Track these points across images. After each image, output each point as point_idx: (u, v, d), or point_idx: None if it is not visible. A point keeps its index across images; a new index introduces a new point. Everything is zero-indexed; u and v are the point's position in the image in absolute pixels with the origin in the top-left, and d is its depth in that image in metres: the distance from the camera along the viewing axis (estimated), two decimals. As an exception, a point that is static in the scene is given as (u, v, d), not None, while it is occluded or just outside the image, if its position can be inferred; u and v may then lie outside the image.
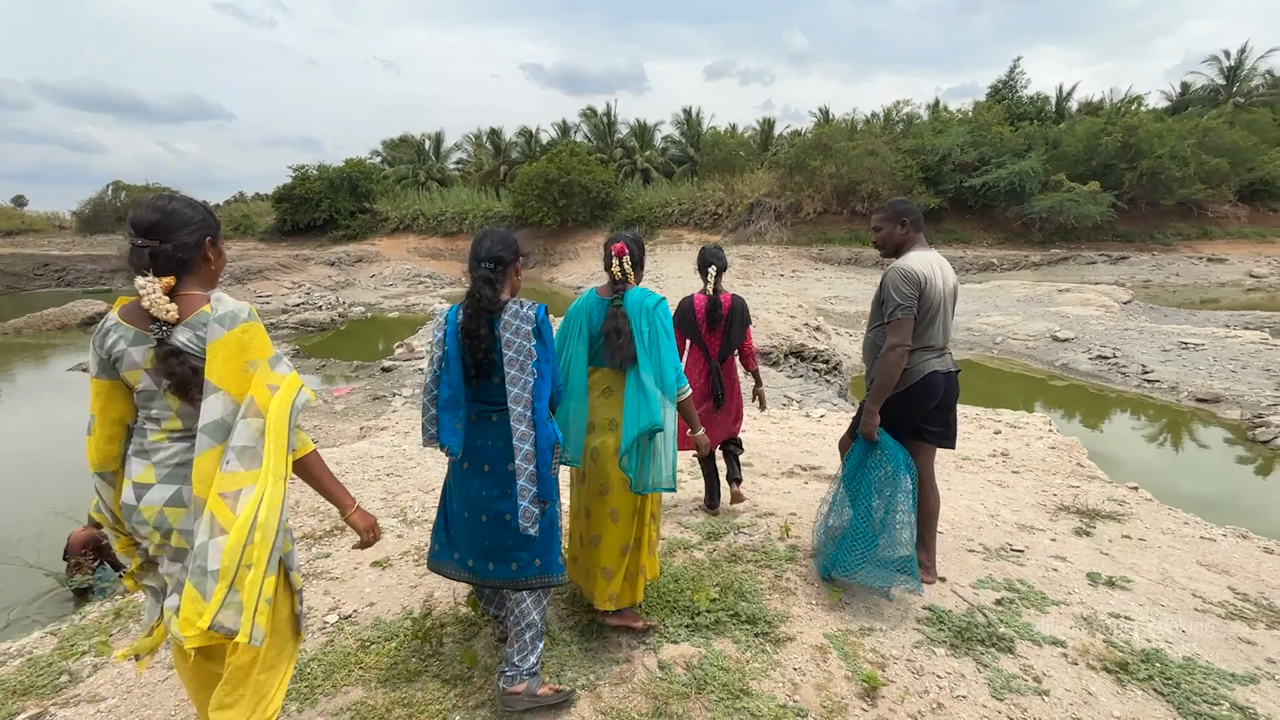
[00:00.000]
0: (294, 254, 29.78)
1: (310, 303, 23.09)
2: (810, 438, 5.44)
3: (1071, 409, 9.55)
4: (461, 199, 35.96)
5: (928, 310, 2.56)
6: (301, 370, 13.70)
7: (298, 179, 34.14)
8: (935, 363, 2.62)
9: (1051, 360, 12.22)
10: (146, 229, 1.48)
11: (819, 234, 29.07)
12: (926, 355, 2.61)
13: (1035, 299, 18.22)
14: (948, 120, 31.00)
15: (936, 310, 2.58)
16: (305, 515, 3.82)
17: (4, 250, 31.35)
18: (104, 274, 31.46)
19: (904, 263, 2.58)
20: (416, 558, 3.16)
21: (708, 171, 33.86)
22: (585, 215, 31.82)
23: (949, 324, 2.66)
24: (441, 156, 45.25)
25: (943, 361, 2.65)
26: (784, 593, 2.71)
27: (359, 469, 4.64)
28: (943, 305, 2.60)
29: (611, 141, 41.04)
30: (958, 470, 4.51)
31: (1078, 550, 3.22)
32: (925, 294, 2.53)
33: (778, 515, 3.55)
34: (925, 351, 2.60)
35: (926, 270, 2.55)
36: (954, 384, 2.71)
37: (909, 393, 2.60)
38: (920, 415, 2.67)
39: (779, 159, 32.48)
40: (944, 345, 2.66)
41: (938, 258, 2.65)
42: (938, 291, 2.57)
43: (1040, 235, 27.13)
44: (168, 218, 1.50)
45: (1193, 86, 37.29)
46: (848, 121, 32.53)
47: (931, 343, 2.61)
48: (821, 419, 6.30)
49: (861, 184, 27.89)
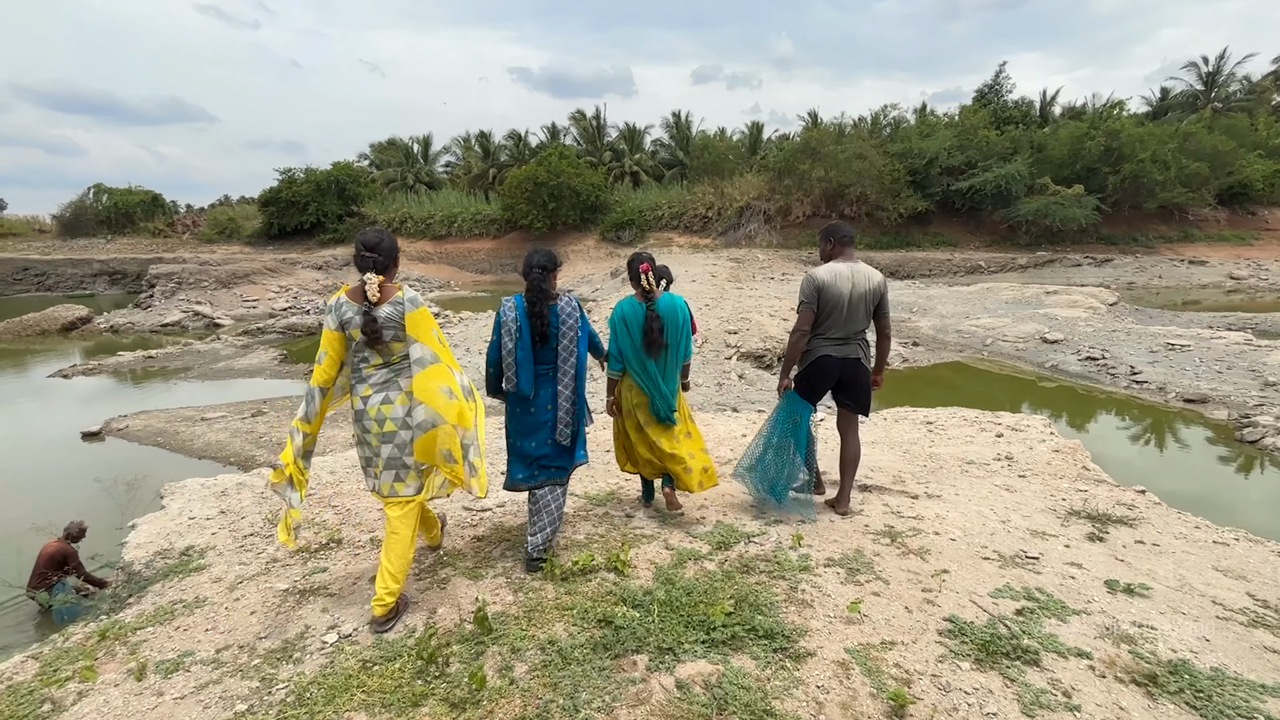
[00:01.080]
0: (281, 258, 29.38)
1: (298, 307, 22.77)
2: None
3: (1064, 410, 9.58)
4: (450, 202, 35.69)
5: (825, 306, 3.27)
6: (288, 376, 13.47)
7: (284, 182, 33.69)
8: (830, 349, 3.35)
9: (1041, 362, 12.29)
10: (372, 246, 2.57)
11: (808, 237, 29.15)
12: (823, 342, 3.35)
13: (1024, 301, 18.36)
14: (934, 124, 31.25)
15: (834, 308, 3.27)
16: (300, 527, 3.69)
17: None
18: (85, 278, 30.86)
19: (813, 270, 3.33)
20: (417, 572, 3.04)
21: (697, 175, 33.87)
22: (575, 218, 31.71)
23: (853, 320, 3.32)
24: (430, 160, 44.95)
25: (840, 349, 3.35)
26: (801, 605, 2.63)
27: (354, 477, 4.51)
28: (841, 305, 3.26)
29: (601, 145, 41.00)
30: (964, 475, 4.47)
31: (1093, 556, 3.17)
32: (823, 294, 3.26)
33: (787, 523, 3.47)
34: (822, 339, 3.35)
35: (829, 277, 3.27)
36: (851, 367, 3.39)
37: (808, 369, 3.40)
38: (824, 387, 3.45)
39: (768, 163, 32.56)
40: (844, 337, 3.34)
41: (851, 268, 3.30)
42: (837, 293, 3.25)
43: (1027, 238, 27.40)
44: (382, 240, 2.62)
45: (1172, 92, 37.92)
46: (836, 125, 32.74)
47: (829, 333, 3.33)
48: (820, 422, 6.24)
49: (850, 187, 28.04)
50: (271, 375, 13.60)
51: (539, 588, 2.78)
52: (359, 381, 2.61)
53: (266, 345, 16.83)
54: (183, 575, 3.20)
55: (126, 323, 20.19)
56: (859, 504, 3.88)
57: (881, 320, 3.42)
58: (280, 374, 13.68)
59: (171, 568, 3.32)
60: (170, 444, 9.20)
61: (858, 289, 3.28)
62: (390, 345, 2.56)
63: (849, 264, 3.33)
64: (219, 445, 9.03)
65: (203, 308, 21.98)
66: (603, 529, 3.41)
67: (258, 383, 13.08)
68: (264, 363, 14.69)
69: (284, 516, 2.64)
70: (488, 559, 3.12)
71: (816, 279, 3.28)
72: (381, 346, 2.55)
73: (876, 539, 3.28)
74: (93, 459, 8.88)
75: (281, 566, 3.19)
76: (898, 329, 15.84)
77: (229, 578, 3.12)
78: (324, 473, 4.57)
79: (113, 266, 31.17)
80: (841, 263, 3.34)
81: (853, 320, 3.31)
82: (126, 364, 14.62)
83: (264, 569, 3.17)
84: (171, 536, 3.65)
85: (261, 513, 3.88)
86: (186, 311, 21.36)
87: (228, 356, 15.41)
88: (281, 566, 3.19)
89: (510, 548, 3.24)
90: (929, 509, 3.74)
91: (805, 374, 3.42)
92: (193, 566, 3.27)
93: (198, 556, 3.39)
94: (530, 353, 2.93)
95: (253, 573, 3.14)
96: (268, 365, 14.43)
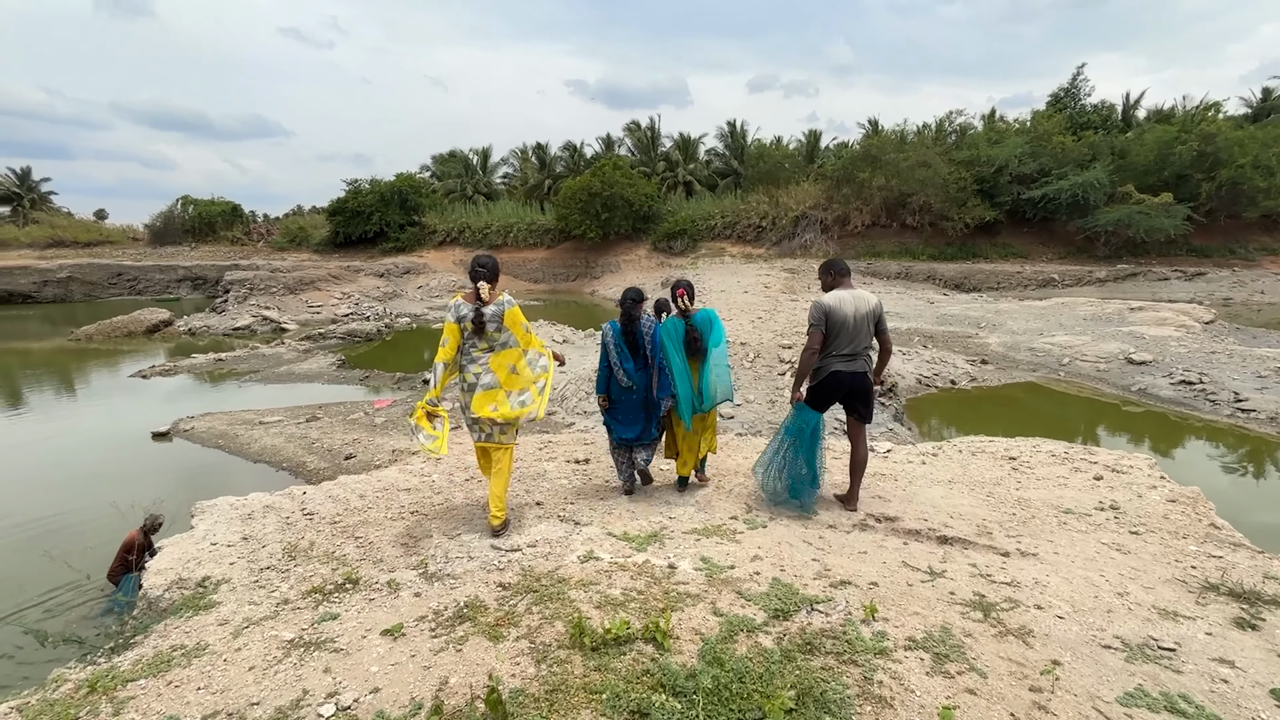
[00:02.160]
0: (345, 265, 30.38)
1: (358, 313, 23.39)
2: (879, 479, 4.84)
3: (1160, 441, 8.61)
4: (506, 212, 36.24)
5: (833, 327, 3.77)
6: (344, 381, 13.68)
7: (350, 193, 34.94)
8: (840, 364, 3.81)
9: (1126, 384, 11.22)
10: (484, 264, 3.51)
11: (867, 247, 28.11)
12: (833, 359, 3.80)
13: (1104, 318, 16.97)
14: (1004, 130, 29.63)
15: (840, 328, 3.75)
16: (317, 562, 3.44)
17: (83, 260, 32.95)
18: (171, 283, 32.79)
19: (820, 297, 3.85)
20: (434, 626, 2.72)
21: (752, 184, 33.25)
22: (627, 228, 31.57)
23: (858, 338, 3.81)
24: (488, 171, 45.85)
25: (848, 364, 3.81)
26: (878, 703, 2.16)
27: (383, 503, 4.28)
28: (847, 325, 3.75)
29: (655, 155, 40.86)
30: (1063, 528, 3.85)
31: (1246, 651, 2.56)
32: (831, 317, 3.75)
33: (856, 585, 2.99)
34: (833, 356, 3.80)
35: (834, 302, 3.78)
36: (860, 380, 3.87)
37: (820, 383, 3.86)
38: (835, 398, 3.91)
39: (826, 171, 31.63)
40: (852, 353, 3.81)
41: (851, 294, 3.83)
42: (842, 315, 3.75)
43: (1106, 250, 25.57)
44: (491, 261, 3.55)
45: (1275, 92, 34.91)
46: (897, 132, 31.52)
47: (836, 350, 3.79)
48: (888, 455, 5.68)
49: (912, 196, 26.88)
50: (329, 380, 13.83)
51: (565, 659, 2.40)
52: (470, 361, 3.61)
53: (326, 350, 17.23)
54: (191, 613, 2.98)
55: (203, 326, 21.16)
56: (940, 560, 3.36)
57: (882, 336, 3.95)
58: (337, 379, 13.90)
59: (184, 601, 3.12)
60: (229, 446, 9.38)
61: (860, 311, 3.79)
62: (492, 334, 3.58)
63: (849, 291, 3.87)
64: (273, 450, 9.13)
65: (270, 312, 22.82)
66: (642, 583, 3.01)
67: (315, 387, 13.33)
68: (323, 368, 14.98)
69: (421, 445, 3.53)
70: (511, 615, 2.76)
71: (824, 304, 3.80)
72: (485, 334, 3.56)
73: (966, 612, 2.76)
74: (158, 460, 9.17)
75: (292, 610, 2.93)
76: (964, 345, 14.87)
77: (236, 619, 2.88)
78: (353, 496, 4.36)
79: (195, 272, 32.96)
80: (842, 290, 3.87)
81: (858, 338, 3.80)
82: (199, 366, 15.21)
83: (273, 611, 2.92)
84: (191, 564, 3.46)
85: (282, 541, 3.66)
86: (256, 316, 22.20)
87: (290, 360, 15.81)
88: (292, 610, 2.93)
89: (537, 600, 2.88)
90: (1025, 571, 3.18)
91: (818, 387, 3.91)
92: (203, 603, 3.05)
93: (211, 590, 3.17)
94: (630, 357, 4.16)
95: (261, 615, 2.89)
96: (326, 370, 14.71)
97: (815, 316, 3.77)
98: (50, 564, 4.73)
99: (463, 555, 3.41)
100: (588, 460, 5.40)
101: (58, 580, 5.05)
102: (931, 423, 10.47)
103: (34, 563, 5.49)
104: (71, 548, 5.70)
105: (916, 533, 3.73)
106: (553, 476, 4.94)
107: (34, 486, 8.45)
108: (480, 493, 4.47)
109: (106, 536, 5.62)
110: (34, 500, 7.92)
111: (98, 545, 5.47)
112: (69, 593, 5.17)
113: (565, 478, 4.93)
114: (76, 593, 5.15)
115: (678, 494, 4.46)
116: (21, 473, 9.14)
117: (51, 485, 8.42)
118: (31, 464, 9.48)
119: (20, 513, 7.43)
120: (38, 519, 7.21)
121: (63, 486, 8.28)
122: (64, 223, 39.30)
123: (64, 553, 4.88)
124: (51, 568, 4.86)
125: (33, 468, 9.28)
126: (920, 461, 5.44)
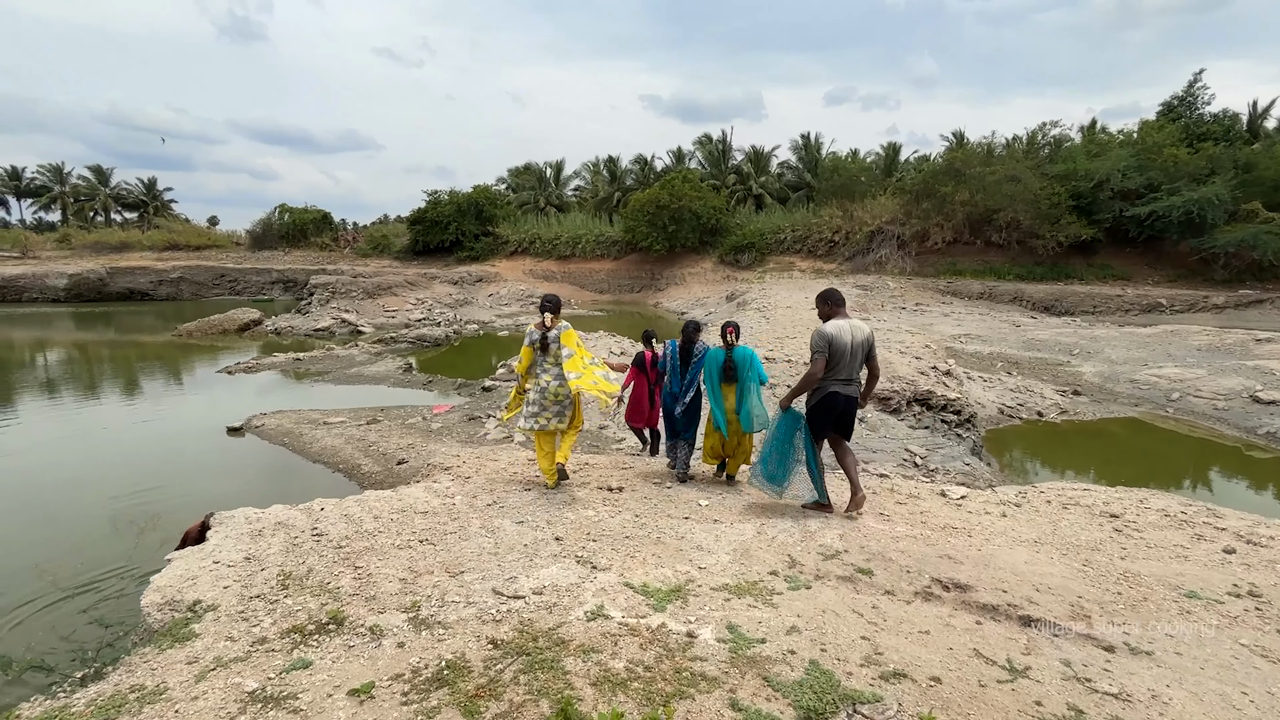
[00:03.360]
0: (422, 272, 31.45)
1: (430, 319, 24.03)
2: (949, 532, 4.19)
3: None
4: (576, 224, 36.71)
5: (834, 355, 4.07)
6: (408, 385, 13.92)
7: (430, 203, 36.39)
8: (838, 387, 4.14)
9: (1251, 426, 9.82)
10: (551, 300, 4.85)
11: (947, 265, 26.52)
12: (832, 381, 4.13)
13: (1223, 349, 15.12)
14: (1106, 143, 27.35)
15: (841, 355, 4.06)
16: (309, 594, 3.18)
17: (192, 262, 35.87)
18: (266, 285, 35.18)
19: (822, 327, 4.16)
20: (407, 689, 2.38)
21: (825, 197, 32.18)
22: (694, 241, 31.20)
23: (854, 364, 4.14)
24: (561, 183, 46.73)
25: (844, 388, 4.17)
26: None
27: (395, 527, 4.02)
28: (845, 352, 4.07)
29: (725, 168, 40.41)
30: (1185, 617, 3.10)
31: None
32: (833, 345, 4.06)
33: (912, 679, 2.44)
34: (832, 379, 4.12)
35: (835, 331, 4.09)
36: (851, 403, 4.26)
37: (819, 403, 4.21)
38: (831, 416, 4.24)
39: (905, 185, 30.19)
40: (849, 377, 4.15)
41: (849, 323, 4.16)
42: (843, 343, 4.06)
43: (1225, 273, 23.02)
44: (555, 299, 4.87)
45: None
46: (984, 145, 29.68)
47: (837, 375, 4.11)
48: (962, 502, 4.97)
49: (999, 212, 25.15)
50: (394, 384, 14.11)
51: (543, 755, 2.00)
52: (542, 372, 4.81)
53: (395, 354, 17.68)
54: (169, 644, 2.76)
55: (287, 326, 22.32)
56: (1022, 651, 2.74)
57: (872, 362, 4.32)
58: (401, 383, 14.17)
59: (168, 628, 2.92)
60: (293, 445, 9.60)
61: (856, 339, 4.14)
62: (555, 351, 4.74)
63: (846, 320, 4.20)
64: (332, 451, 9.26)
65: (349, 315, 23.79)
66: (651, 655, 2.56)
67: (381, 390, 13.62)
68: (389, 371, 15.33)
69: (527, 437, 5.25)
70: (495, 684, 2.38)
71: (827, 333, 4.12)
72: (550, 351, 4.75)
73: (1056, 732, 2.17)
74: (228, 456, 9.53)
75: (265, 652, 2.66)
76: (1053, 373, 13.57)
77: (206, 658, 2.63)
78: (368, 517, 4.13)
79: (287, 275, 35.14)
80: (840, 320, 4.19)
81: (854, 364, 4.16)
82: (279, 364, 15.94)
83: (245, 653, 2.65)
84: (189, 584, 3.28)
85: (281, 566, 3.44)
86: (335, 318, 23.19)
87: (360, 362, 16.31)
88: (265, 652, 2.66)
89: (528, 667, 2.48)
90: (1137, 678, 2.52)
91: (817, 406, 4.26)
92: (183, 633, 2.83)
93: (196, 618, 2.96)
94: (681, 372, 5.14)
95: (232, 655, 2.63)
96: (392, 374, 15.04)
97: (819, 344, 4.12)
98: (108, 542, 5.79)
99: (460, 599, 3.06)
100: (621, 489, 5.01)
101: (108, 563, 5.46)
102: (1013, 456, 9.47)
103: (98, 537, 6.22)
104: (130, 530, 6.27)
105: (993, 609, 3.10)
106: (580, 507, 4.60)
107: (116, 468, 9.05)
108: (499, 521, 4.17)
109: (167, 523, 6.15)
110: (113, 480, 8.50)
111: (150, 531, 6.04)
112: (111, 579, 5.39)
113: (593, 508, 4.56)
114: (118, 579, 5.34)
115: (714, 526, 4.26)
116: (112, 453, 9.88)
117: (132, 469, 8.98)
118: (120, 448, 10.14)
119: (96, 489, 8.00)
120: (113, 496, 7.70)
121: (140, 471, 8.81)
122: (179, 228, 42.96)
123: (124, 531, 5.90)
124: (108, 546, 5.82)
125: (120, 451, 9.92)
126: (1001, 513, 4.72)
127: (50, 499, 7.67)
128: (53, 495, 7.80)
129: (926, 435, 8.26)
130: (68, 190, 50.45)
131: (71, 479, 8.42)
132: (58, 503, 7.49)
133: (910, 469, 7.69)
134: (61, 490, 7.99)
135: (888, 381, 9.55)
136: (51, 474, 8.65)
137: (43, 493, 7.94)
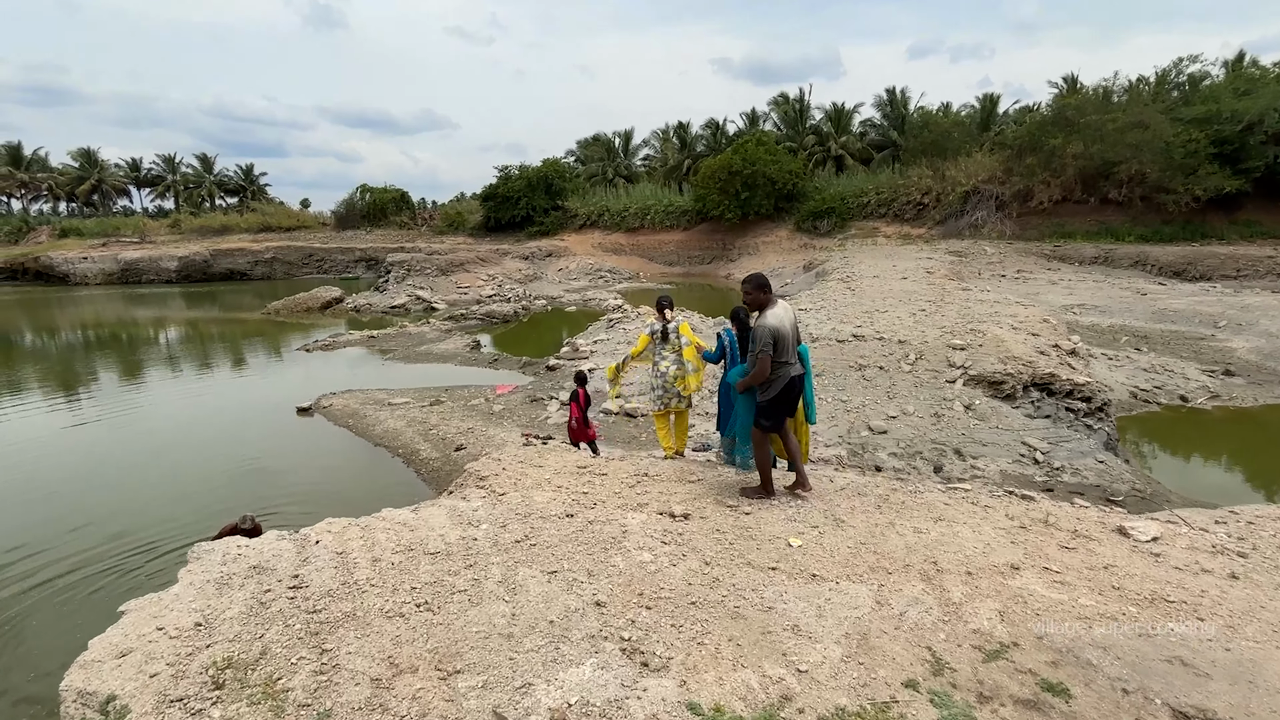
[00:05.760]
0: (494, 248, 31.76)
1: (500, 295, 24.20)
2: (1164, 610, 2.95)
3: None
4: (645, 195, 35.93)
5: (779, 345, 4.16)
6: (475, 363, 13.91)
7: (501, 179, 36.58)
8: (790, 370, 4.27)
9: None
10: (667, 298, 5.82)
11: (1054, 227, 23.99)
12: (786, 367, 4.25)
13: None
14: (1258, 78, 23.62)
15: (786, 341, 4.20)
16: (245, 702, 2.79)
17: (284, 243, 37.89)
18: (350, 264, 36.74)
19: (764, 320, 4.18)
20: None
21: (913, 156, 29.86)
22: (768, 208, 29.75)
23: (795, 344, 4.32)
24: (630, 153, 45.93)
25: (794, 369, 4.30)
26: None
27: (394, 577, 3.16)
28: (788, 339, 4.21)
29: (803, 129, 38.27)
30: None
31: None
32: (778, 338, 4.16)
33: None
34: (784, 365, 4.25)
35: (776, 323, 4.17)
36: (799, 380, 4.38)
37: (781, 393, 4.29)
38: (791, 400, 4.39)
39: (1004, 140, 27.44)
40: (790, 360, 4.27)
41: (783, 308, 4.28)
42: (785, 332, 4.19)
43: (1407, 228, 19.56)
44: (669, 297, 5.87)
45: None
46: (1101, 90, 26.35)
47: (787, 359, 4.24)
48: (1160, 548, 3.63)
49: (1119, 165, 22.33)
50: (461, 362, 14.14)
51: None
52: (660, 359, 5.59)
53: (464, 331, 17.83)
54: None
55: (366, 304, 23.03)
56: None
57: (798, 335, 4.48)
58: (468, 360, 14.18)
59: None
60: (356, 427, 9.65)
61: (792, 321, 4.27)
62: (673, 340, 5.56)
63: (781, 306, 4.24)
64: (393, 434, 9.23)
65: (423, 292, 24.30)
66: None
67: (448, 369, 13.69)
68: (457, 349, 15.41)
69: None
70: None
71: (769, 326, 4.09)
72: (669, 341, 5.55)
73: None
74: (293, 438, 9.68)
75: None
76: (1194, 350, 11.86)
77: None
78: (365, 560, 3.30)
79: (369, 254, 36.48)
80: (777, 307, 4.21)
81: (794, 344, 4.30)
82: (354, 342, 16.42)
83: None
84: (115, 664, 2.56)
85: (228, 643, 2.66)
86: (411, 296, 23.72)
87: (430, 340, 16.50)
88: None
89: None
90: None
91: (779, 396, 4.26)
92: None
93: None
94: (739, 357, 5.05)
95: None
96: (459, 352, 15.09)
97: (765, 341, 4.09)
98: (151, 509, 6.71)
99: (443, 725, 2.20)
100: (687, 516, 3.97)
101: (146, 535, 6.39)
102: (1155, 453, 8.13)
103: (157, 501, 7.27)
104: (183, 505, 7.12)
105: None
106: (632, 546, 3.54)
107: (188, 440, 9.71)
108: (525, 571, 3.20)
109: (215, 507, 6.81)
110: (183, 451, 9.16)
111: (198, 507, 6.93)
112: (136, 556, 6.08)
113: (649, 549, 3.50)
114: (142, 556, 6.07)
115: (813, 585, 3.16)
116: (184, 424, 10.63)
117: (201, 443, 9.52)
118: (194, 421, 10.72)
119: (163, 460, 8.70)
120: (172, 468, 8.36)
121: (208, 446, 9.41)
122: (272, 210, 45.48)
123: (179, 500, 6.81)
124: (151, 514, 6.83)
125: (194, 425, 10.50)
126: (1228, 572, 3.36)
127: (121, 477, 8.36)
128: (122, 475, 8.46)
129: (1048, 426, 7.20)
130: (179, 179, 54.45)
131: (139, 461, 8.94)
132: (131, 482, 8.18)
133: (1029, 465, 6.69)
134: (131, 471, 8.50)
135: (999, 363, 8.43)
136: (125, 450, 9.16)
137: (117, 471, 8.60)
